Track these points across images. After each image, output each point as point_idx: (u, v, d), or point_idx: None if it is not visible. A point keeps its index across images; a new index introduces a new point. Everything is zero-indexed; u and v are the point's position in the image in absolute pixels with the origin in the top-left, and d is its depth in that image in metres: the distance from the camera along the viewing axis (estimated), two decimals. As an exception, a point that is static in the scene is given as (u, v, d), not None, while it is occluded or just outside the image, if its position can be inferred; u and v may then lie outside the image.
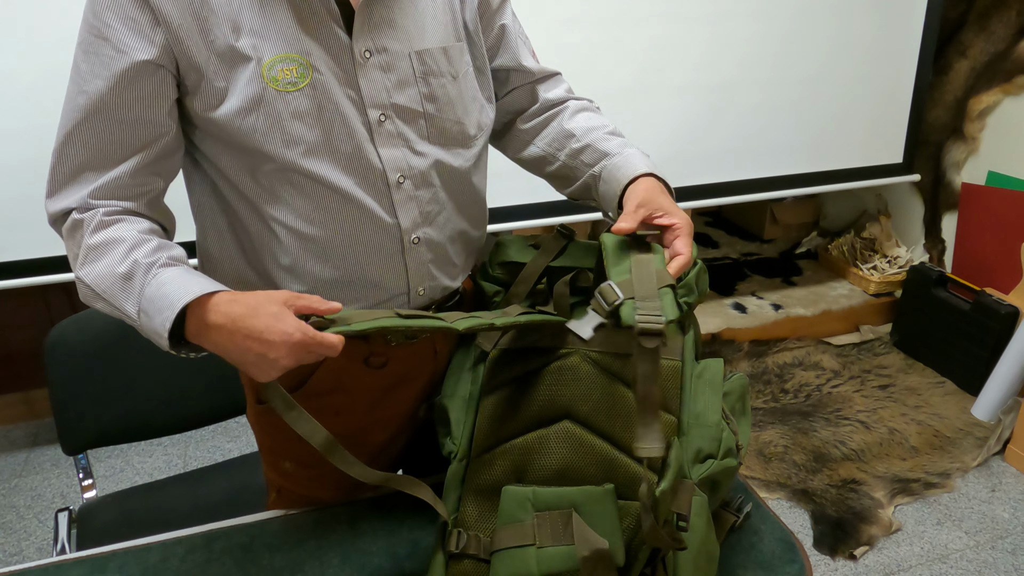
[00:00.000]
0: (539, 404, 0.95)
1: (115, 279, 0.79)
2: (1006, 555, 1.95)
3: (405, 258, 0.95)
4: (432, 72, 0.92)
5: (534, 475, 0.92)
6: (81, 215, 0.82)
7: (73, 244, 0.83)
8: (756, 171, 2.55)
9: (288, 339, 0.74)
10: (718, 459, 0.90)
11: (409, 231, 0.94)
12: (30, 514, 2.08)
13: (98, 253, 0.80)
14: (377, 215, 0.91)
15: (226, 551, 0.98)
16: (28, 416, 2.46)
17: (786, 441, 2.34)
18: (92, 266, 0.80)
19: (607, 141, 1.02)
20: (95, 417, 1.39)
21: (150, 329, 0.78)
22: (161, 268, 0.79)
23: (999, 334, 2.46)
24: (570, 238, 1.05)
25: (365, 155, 0.89)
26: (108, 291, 0.79)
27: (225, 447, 2.34)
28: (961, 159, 2.74)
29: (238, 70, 0.82)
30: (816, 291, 3.02)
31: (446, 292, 1.03)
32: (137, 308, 0.78)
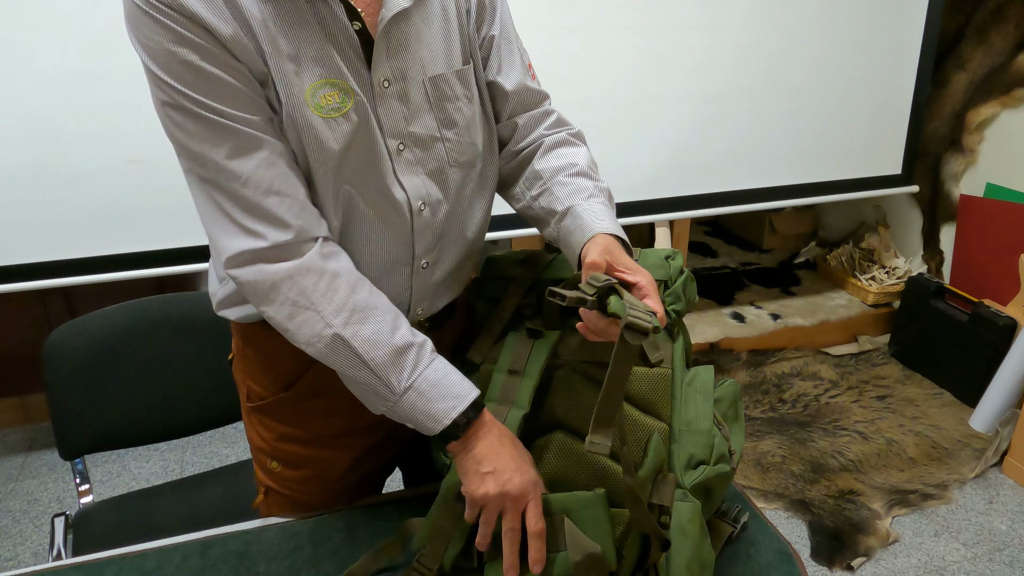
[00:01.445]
0: (536, 413, 0.96)
1: (389, 349, 0.83)
2: (1003, 567, 1.95)
3: (412, 281, 0.96)
4: (447, 97, 0.91)
5: None
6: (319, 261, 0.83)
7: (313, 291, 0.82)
8: (754, 181, 2.56)
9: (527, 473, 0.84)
10: (710, 464, 0.91)
11: (421, 256, 0.94)
12: (26, 519, 2.07)
13: (364, 316, 0.83)
14: (397, 242, 0.91)
15: (222, 558, 0.98)
16: (25, 420, 2.45)
17: (784, 451, 2.34)
18: (359, 327, 0.83)
19: (562, 187, 0.96)
20: (93, 422, 1.39)
21: (419, 410, 0.84)
22: (434, 354, 0.86)
23: (997, 346, 2.47)
24: (559, 251, 1.06)
25: (390, 183, 0.88)
26: (376, 359, 0.83)
27: (222, 452, 2.33)
28: (959, 171, 2.75)
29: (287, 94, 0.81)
30: (814, 301, 3.02)
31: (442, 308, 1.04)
32: (408, 384, 0.83)
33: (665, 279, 0.99)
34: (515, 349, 0.99)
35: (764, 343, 2.83)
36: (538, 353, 0.98)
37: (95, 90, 1.83)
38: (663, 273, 0.99)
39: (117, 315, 1.42)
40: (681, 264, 1.01)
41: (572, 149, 1.01)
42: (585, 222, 0.91)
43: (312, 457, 1.05)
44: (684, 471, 0.90)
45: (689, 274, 1.01)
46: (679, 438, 0.92)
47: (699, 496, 0.90)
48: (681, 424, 0.94)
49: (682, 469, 0.90)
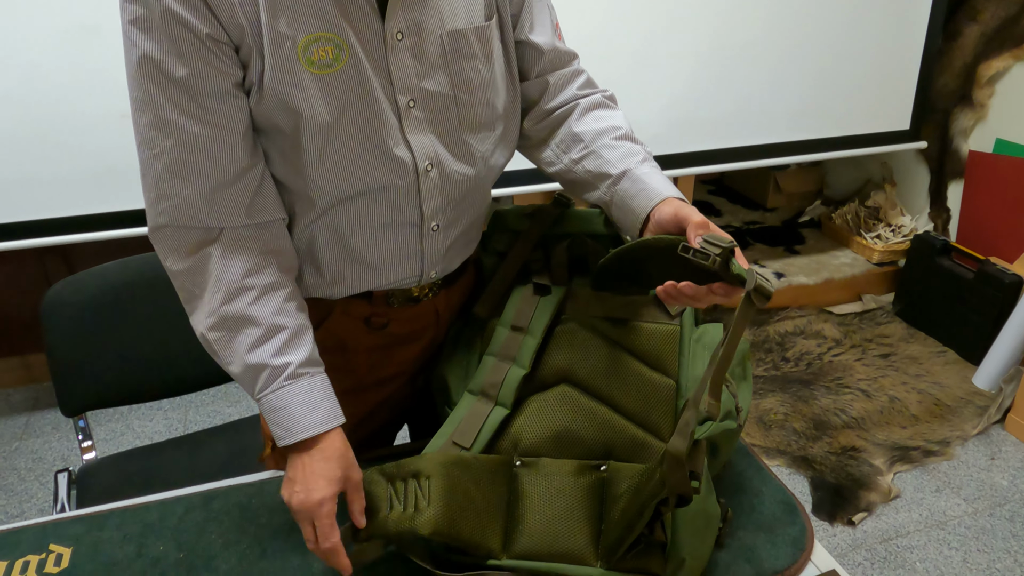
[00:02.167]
0: (537, 369, 0.95)
1: (243, 365, 0.83)
2: (1004, 522, 1.96)
3: (423, 244, 0.94)
4: (464, 54, 0.87)
5: (532, 438, 0.92)
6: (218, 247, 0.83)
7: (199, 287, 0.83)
8: (759, 137, 2.52)
9: (311, 493, 0.80)
10: (717, 421, 0.90)
11: (430, 218, 0.92)
12: (31, 476, 2.09)
13: (234, 325, 0.83)
14: (403, 203, 0.89)
15: (224, 510, 0.98)
16: (27, 380, 2.46)
17: (786, 409, 2.34)
18: (223, 334, 0.83)
19: (612, 149, 0.93)
20: (93, 378, 1.39)
21: (265, 418, 0.85)
22: (289, 381, 0.83)
23: (1002, 303, 2.45)
24: (567, 205, 1.04)
25: (395, 142, 0.85)
26: (234, 369, 0.84)
27: (225, 412, 2.34)
28: (969, 126, 2.71)
29: (273, 49, 0.77)
30: (819, 260, 3.00)
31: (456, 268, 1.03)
32: (257, 397, 0.84)
33: None
34: (520, 305, 0.98)
35: (768, 301, 2.82)
36: (543, 311, 0.97)
37: (88, 44, 1.79)
38: None
39: (115, 271, 1.41)
40: None
41: (610, 112, 0.98)
42: (649, 185, 0.88)
43: None
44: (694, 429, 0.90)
45: None
46: (686, 394, 0.92)
47: (706, 452, 0.89)
48: (688, 380, 0.93)
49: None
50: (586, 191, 0.96)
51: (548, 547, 0.84)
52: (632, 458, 0.90)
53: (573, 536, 0.84)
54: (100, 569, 0.89)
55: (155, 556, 0.91)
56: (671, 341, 0.95)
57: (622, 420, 0.92)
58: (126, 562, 0.90)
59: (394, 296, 0.98)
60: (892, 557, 1.85)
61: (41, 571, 0.89)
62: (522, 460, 0.91)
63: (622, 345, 0.96)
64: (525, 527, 0.85)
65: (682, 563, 0.81)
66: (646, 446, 0.90)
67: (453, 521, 0.81)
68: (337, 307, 0.98)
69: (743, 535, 0.94)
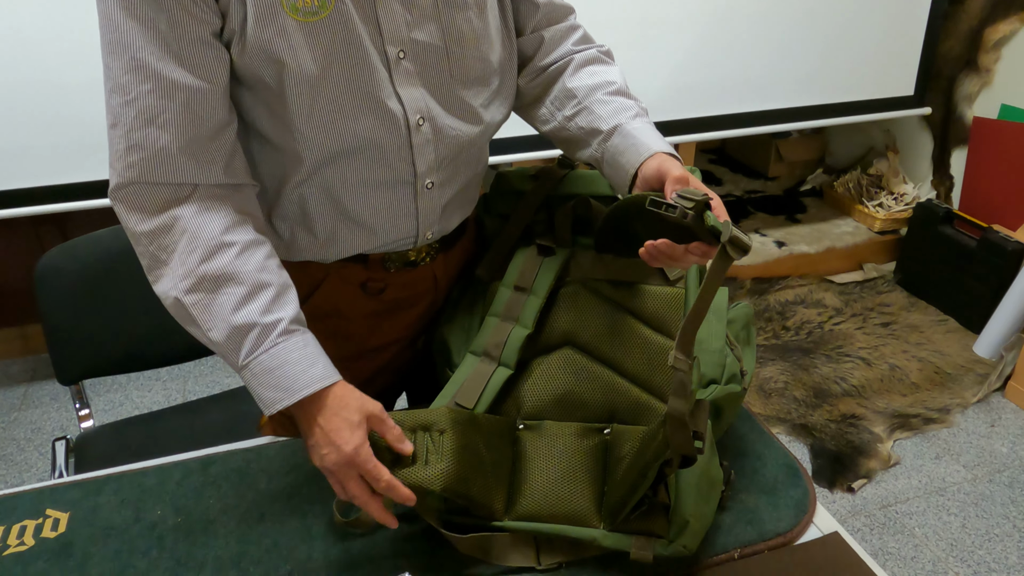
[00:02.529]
0: (540, 331, 0.94)
1: (228, 327, 0.77)
2: (1003, 488, 1.96)
3: (417, 203, 0.91)
4: (455, 4, 0.84)
5: (535, 401, 0.92)
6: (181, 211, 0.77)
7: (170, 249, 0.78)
8: (761, 103, 2.49)
9: (341, 448, 0.76)
10: (721, 384, 0.90)
11: (424, 175, 0.89)
12: (30, 446, 2.08)
13: (213, 285, 0.77)
14: (394, 159, 0.86)
15: (222, 475, 0.97)
16: (25, 351, 2.45)
17: (786, 377, 2.34)
18: (202, 296, 0.77)
19: (604, 104, 0.91)
20: (89, 346, 1.37)
21: (253, 389, 0.79)
22: (284, 336, 0.78)
23: (1005, 271, 2.44)
24: (572, 167, 1.02)
25: (385, 95, 0.82)
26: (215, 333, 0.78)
27: (224, 382, 2.33)
28: (974, 92, 2.67)
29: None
30: (820, 228, 2.98)
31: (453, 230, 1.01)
32: (244, 363, 0.78)
33: None
34: (523, 266, 0.97)
35: (769, 271, 2.80)
36: (547, 271, 0.96)
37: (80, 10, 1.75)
38: None
39: (109, 238, 1.39)
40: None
41: (605, 67, 0.96)
42: (639, 140, 0.86)
43: None
44: (695, 390, 0.88)
45: None
46: None
47: (709, 415, 0.88)
48: None
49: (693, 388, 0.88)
50: (580, 149, 0.94)
51: (551, 509, 0.84)
52: (635, 421, 0.89)
53: (576, 498, 0.83)
54: (97, 533, 0.89)
55: (152, 520, 0.90)
56: (675, 304, 0.94)
57: (625, 383, 0.91)
58: (123, 526, 0.90)
59: (391, 260, 0.96)
60: (891, 523, 1.86)
61: (38, 535, 0.89)
62: (525, 423, 0.91)
63: (625, 308, 0.95)
64: (528, 489, 0.84)
65: (685, 525, 0.80)
66: (649, 409, 0.89)
67: (464, 478, 0.79)
68: (332, 272, 0.96)
69: (745, 498, 0.93)
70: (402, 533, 0.88)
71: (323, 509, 0.92)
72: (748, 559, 0.85)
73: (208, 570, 0.84)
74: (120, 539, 0.88)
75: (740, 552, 0.86)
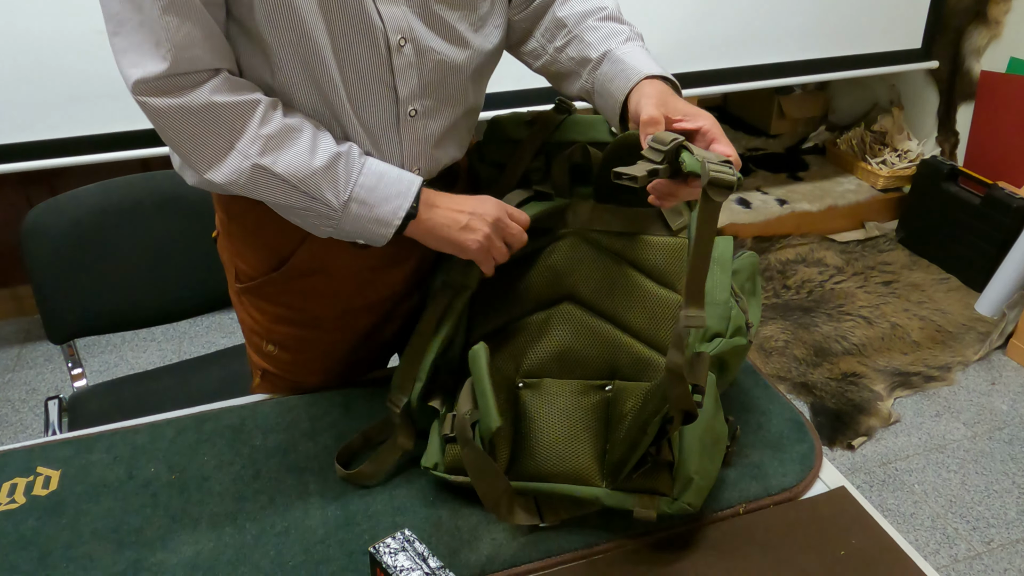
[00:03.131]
0: (538, 287, 0.91)
1: (315, 167, 0.79)
2: (1003, 445, 1.96)
3: (400, 132, 0.87)
4: None
5: (534, 359, 0.90)
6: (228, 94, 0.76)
7: (223, 125, 0.76)
8: (764, 57, 2.43)
9: (487, 204, 0.85)
10: (726, 337, 0.87)
11: (407, 101, 0.85)
12: (25, 407, 2.07)
13: (279, 142, 0.78)
14: (373, 80, 0.82)
15: (217, 432, 0.95)
16: (17, 312, 2.42)
17: (787, 336, 2.32)
18: (277, 155, 0.78)
19: (594, 31, 0.87)
20: (79, 305, 1.35)
21: (365, 219, 0.82)
22: (364, 157, 0.82)
23: (1009, 229, 2.41)
24: (569, 112, 0.98)
25: (365, 11, 0.78)
26: (306, 179, 0.79)
27: (219, 343, 2.31)
28: (982, 45, 2.61)
29: None
30: (822, 186, 2.94)
31: (442, 170, 0.96)
32: (347, 197, 0.80)
33: None
34: (511, 197, 0.94)
35: (770, 229, 2.77)
36: (535, 206, 0.92)
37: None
38: None
39: (97, 194, 1.35)
40: None
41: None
42: (628, 65, 0.83)
43: (310, 339, 1.00)
44: (699, 344, 0.86)
45: None
46: None
47: (713, 369, 0.86)
48: None
49: (696, 342, 0.86)
50: (572, 83, 0.91)
51: (553, 468, 0.82)
52: (638, 377, 0.87)
53: (578, 457, 0.81)
54: (89, 491, 0.87)
55: (146, 478, 0.89)
56: (678, 255, 0.90)
57: (627, 338, 0.89)
58: (116, 484, 0.88)
59: None
60: (891, 480, 1.86)
61: (29, 493, 0.87)
62: (524, 381, 0.88)
63: (627, 260, 0.92)
64: (529, 449, 0.82)
65: (689, 482, 0.78)
66: (652, 364, 0.87)
67: None
68: None
69: (751, 453, 0.91)
70: (400, 491, 0.86)
71: (320, 466, 0.90)
72: (753, 514, 0.84)
73: (203, 527, 0.82)
74: (113, 496, 0.86)
75: (745, 507, 0.84)
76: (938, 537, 1.71)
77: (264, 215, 0.89)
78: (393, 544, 0.71)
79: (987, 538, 1.71)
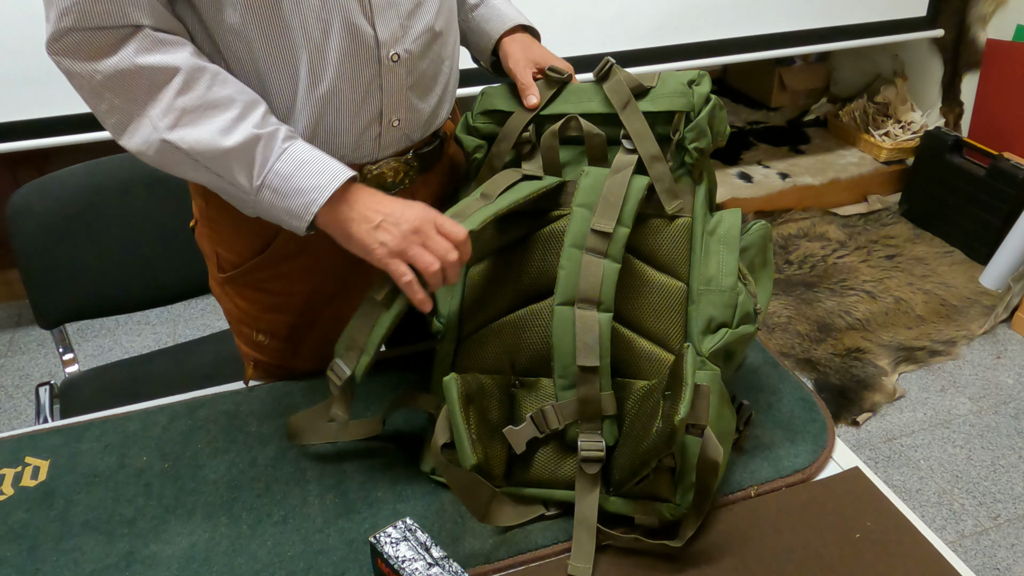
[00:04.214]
0: (530, 276, 0.85)
1: (226, 148, 0.73)
2: (1008, 419, 1.94)
3: (381, 78, 0.82)
4: None
5: (528, 354, 0.84)
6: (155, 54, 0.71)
7: (139, 90, 0.72)
8: (764, 27, 2.37)
9: (410, 209, 0.77)
10: (732, 327, 0.82)
11: (388, 44, 0.80)
12: (19, 393, 2.04)
13: (194, 117, 0.73)
14: (352, 18, 0.77)
15: (211, 419, 0.92)
16: (8, 297, 2.38)
17: (790, 312, 2.29)
18: (186, 130, 0.73)
19: None
20: (69, 288, 1.31)
21: (279, 208, 0.76)
22: (288, 142, 0.76)
23: (1014, 200, 2.37)
24: (565, 82, 0.91)
25: None
26: (215, 160, 0.74)
27: (215, 325, 2.28)
28: (988, 12, 2.55)
29: None
30: (824, 160, 2.89)
31: (425, 131, 0.91)
32: (259, 183, 0.75)
33: (687, 109, 0.84)
34: (497, 178, 0.86)
35: (771, 203, 2.73)
36: (520, 188, 0.84)
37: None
38: (684, 102, 0.84)
39: (82, 174, 1.31)
40: (707, 91, 0.85)
41: None
42: (503, 12, 0.98)
43: (303, 324, 0.97)
44: (702, 336, 0.81)
45: (717, 102, 0.86)
46: (697, 299, 0.82)
47: (718, 361, 0.81)
48: (700, 283, 0.83)
49: (700, 334, 0.81)
50: (459, 13, 0.99)
51: (550, 474, 0.79)
52: (638, 373, 0.82)
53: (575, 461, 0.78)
54: (80, 481, 0.84)
55: (138, 467, 0.86)
56: (681, 236, 0.84)
57: (627, 332, 0.83)
58: (107, 473, 0.85)
59: (366, 183, 0.87)
60: (896, 456, 1.84)
61: (17, 484, 0.84)
62: (520, 380, 0.84)
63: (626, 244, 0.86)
64: (526, 453, 0.79)
65: (691, 488, 0.75)
66: (653, 359, 0.81)
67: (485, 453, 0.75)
68: None
69: (761, 433, 0.89)
70: (402, 478, 0.84)
71: (317, 452, 0.87)
72: (765, 496, 0.81)
73: (198, 517, 0.80)
74: (104, 486, 0.84)
75: (757, 490, 0.82)
76: (944, 513, 1.69)
77: None
78: (394, 533, 0.69)
79: (994, 513, 1.69)
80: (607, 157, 0.88)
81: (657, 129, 0.86)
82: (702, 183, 0.87)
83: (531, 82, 0.90)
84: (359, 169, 0.87)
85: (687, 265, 0.84)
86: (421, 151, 0.91)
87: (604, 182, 0.82)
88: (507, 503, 0.79)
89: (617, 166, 0.84)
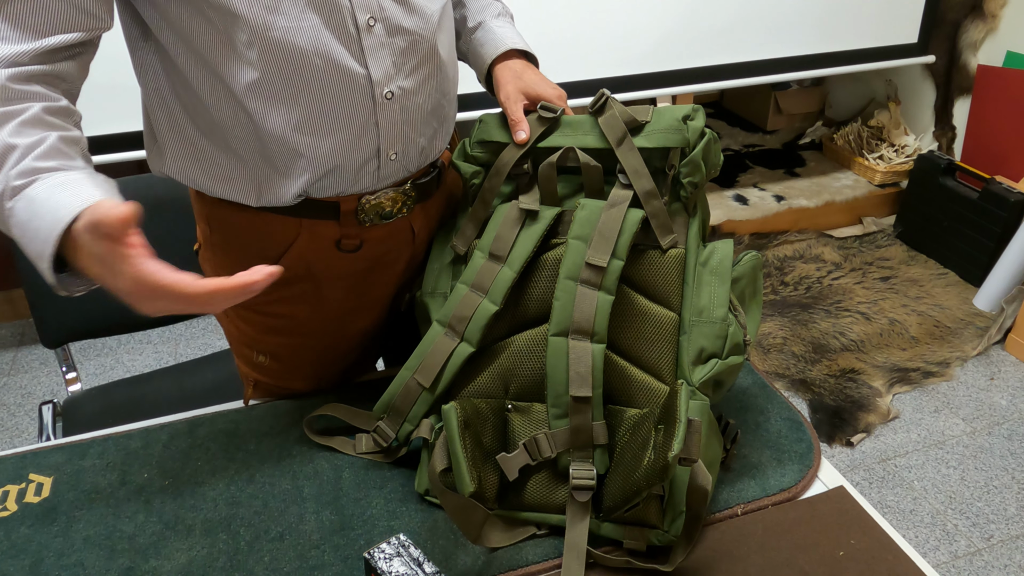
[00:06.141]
0: (526, 303, 0.86)
1: None
2: (1002, 440, 1.95)
3: (376, 115, 0.84)
4: None
5: (522, 380, 0.85)
6: None
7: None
8: (760, 52, 2.42)
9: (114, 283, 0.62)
10: (722, 358, 0.84)
11: (381, 83, 0.83)
12: (21, 412, 2.06)
13: None
14: (344, 63, 0.80)
15: (211, 437, 0.95)
16: (12, 316, 2.41)
17: (785, 333, 2.31)
18: None
19: (475, 2, 1.01)
20: (73, 308, 1.34)
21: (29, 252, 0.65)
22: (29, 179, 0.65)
23: (1007, 223, 2.40)
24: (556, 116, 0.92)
25: None
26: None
27: (216, 344, 2.30)
28: (979, 39, 2.60)
29: None
30: (819, 182, 2.93)
31: (422, 163, 0.93)
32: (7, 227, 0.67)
33: (682, 145, 0.86)
34: (500, 229, 0.88)
35: (767, 225, 2.76)
36: (526, 239, 0.86)
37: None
38: (679, 138, 0.86)
39: (89, 196, 1.34)
40: (702, 125, 0.87)
41: None
42: (497, 36, 0.98)
43: (304, 346, 0.99)
44: (693, 366, 0.83)
45: (712, 136, 0.88)
46: (689, 330, 0.84)
47: (708, 390, 0.83)
48: (692, 314, 0.85)
49: (690, 364, 0.83)
50: (459, 40, 1.02)
51: (543, 499, 0.81)
52: (630, 401, 0.83)
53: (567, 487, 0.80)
54: (82, 497, 0.86)
55: (139, 484, 0.88)
56: (675, 268, 0.86)
57: (620, 361, 0.84)
58: (109, 490, 0.87)
59: (364, 213, 0.90)
60: (890, 476, 1.85)
61: (21, 500, 0.86)
62: (513, 404, 0.85)
63: (623, 278, 0.86)
64: (518, 479, 0.81)
65: (680, 514, 0.77)
66: (645, 388, 0.83)
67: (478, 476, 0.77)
68: (304, 230, 0.90)
69: (748, 453, 0.91)
70: (396, 495, 0.86)
71: (314, 470, 0.89)
72: (751, 515, 0.83)
73: (197, 533, 0.81)
74: (106, 503, 0.85)
75: (743, 508, 0.84)
76: (938, 534, 1.70)
77: (246, 223, 0.88)
78: (388, 549, 0.70)
79: (987, 534, 1.70)
80: (603, 189, 0.89)
81: (653, 163, 0.87)
82: (696, 215, 0.89)
83: (521, 117, 0.91)
84: (357, 199, 0.89)
85: (680, 296, 0.86)
86: (419, 181, 0.94)
87: (600, 215, 0.84)
88: (499, 525, 0.81)
89: (613, 200, 0.86)
